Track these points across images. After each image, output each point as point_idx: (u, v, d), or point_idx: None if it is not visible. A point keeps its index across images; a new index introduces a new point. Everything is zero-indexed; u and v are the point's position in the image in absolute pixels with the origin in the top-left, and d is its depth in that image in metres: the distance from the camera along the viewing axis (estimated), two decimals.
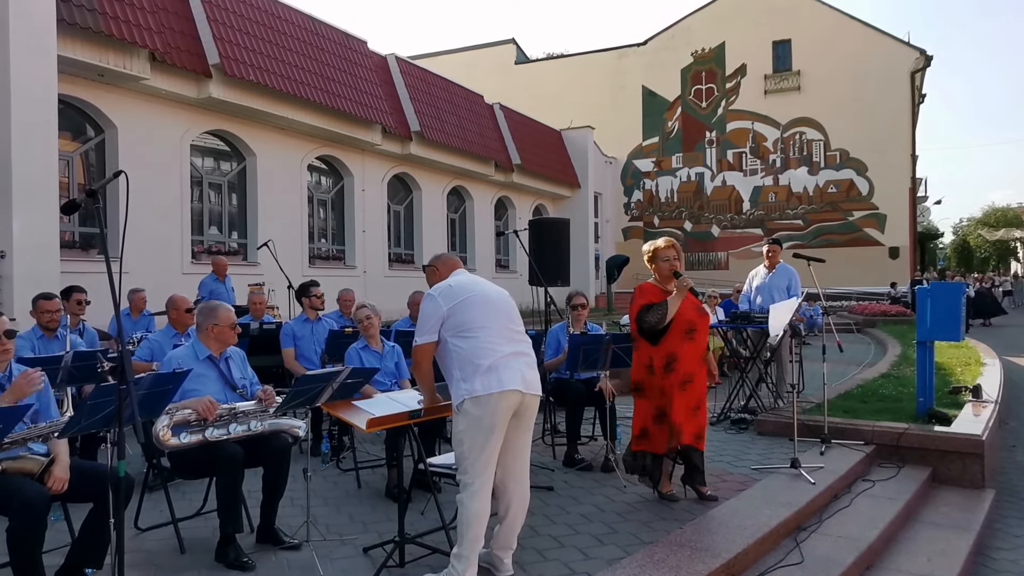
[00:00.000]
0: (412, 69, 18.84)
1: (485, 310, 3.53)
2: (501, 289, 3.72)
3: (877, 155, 25.99)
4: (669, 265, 4.72)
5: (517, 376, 3.42)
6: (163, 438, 3.60)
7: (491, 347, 3.44)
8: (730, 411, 7.21)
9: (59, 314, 5.49)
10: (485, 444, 3.37)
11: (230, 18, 12.99)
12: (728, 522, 4.19)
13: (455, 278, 3.70)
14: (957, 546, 4.54)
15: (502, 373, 3.40)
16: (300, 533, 3.98)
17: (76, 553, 3.37)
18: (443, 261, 3.87)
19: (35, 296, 5.52)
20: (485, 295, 3.59)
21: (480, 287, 3.64)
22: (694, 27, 29.03)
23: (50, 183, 8.97)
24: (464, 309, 3.50)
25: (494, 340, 3.46)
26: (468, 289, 3.58)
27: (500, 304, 3.61)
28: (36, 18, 8.74)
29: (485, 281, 3.77)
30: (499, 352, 3.44)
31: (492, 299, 3.60)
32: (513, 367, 3.43)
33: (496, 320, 3.53)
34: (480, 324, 3.48)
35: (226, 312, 4.17)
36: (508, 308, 3.64)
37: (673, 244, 4.87)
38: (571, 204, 25.94)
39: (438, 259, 3.91)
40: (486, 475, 3.39)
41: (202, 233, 13.96)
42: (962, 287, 7.53)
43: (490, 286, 3.71)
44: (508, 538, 3.55)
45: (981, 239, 61.33)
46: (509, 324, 3.58)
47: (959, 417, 6.48)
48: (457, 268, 3.81)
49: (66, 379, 4.64)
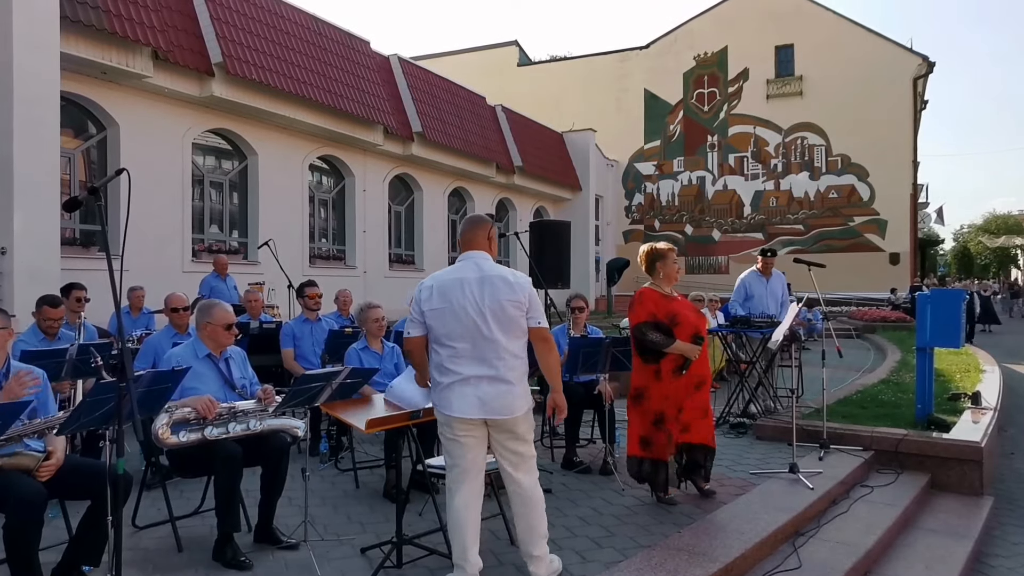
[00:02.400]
0: (414, 70, 18.84)
1: (457, 325, 3.35)
2: (498, 277, 3.40)
3: (878, 161, 25.98)
4: (677, 268, 4.80)
5: (472, 403, 3.32)
6: (162, 436, 3.59)
7: (453, 367, 3.36)
8: (729, 415, 7.21)
9: (60, 322, 5.37)
10: (454, 453, 3.41)
11: (233, 17, 12.99)
12: (726, 526, 4.19)
13: (446, 274, 3.50)
14: (955, 553, 4.54)
15: (454, 399, 3.35)
16: (298, 533, 3.98)
17: (74, 550, 3.37)
18: (464, 239, 3.61)
19: (40, 298, 5.39)
20: (461, 308, 3.35)
21: (461, 295, 3.37)
22: (697, 31, 29.04)
23: (52, 180, 8.97)
24: (437, 318, 3.40)
25: (458, 360, 3.35)
26: (447, 296, 3.39)
27: (475, 316, 3.34)
28: (38, 14, 8.74)
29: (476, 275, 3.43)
30: (459, 375, 3.34)
31: (467, 312, 3.34)
32: (467, 394, 3.32)
33: (466, 337, 3.34)
34: (449, 339, 3.37)
35: (221, 312, 4.13)
36: (490, 315, 3.34)
37: (673, 249, 4.94)
38: (572, 207, 25.94)
39: (462, 233, 3.66)
40: (464, 484, 3.39)
41: (203, 232, 13.95)
42: (962, 294, 7.53)
43: (476, 283, 3.39)
44: (523, 544, 3.46)
45: (982, 246, 61.35)
46: (483, 339, 3.33)
47: (958, 424, 6.48)
48: (468, 251, 3.56)
49: (71, 372, 4.63)
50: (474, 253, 3.53)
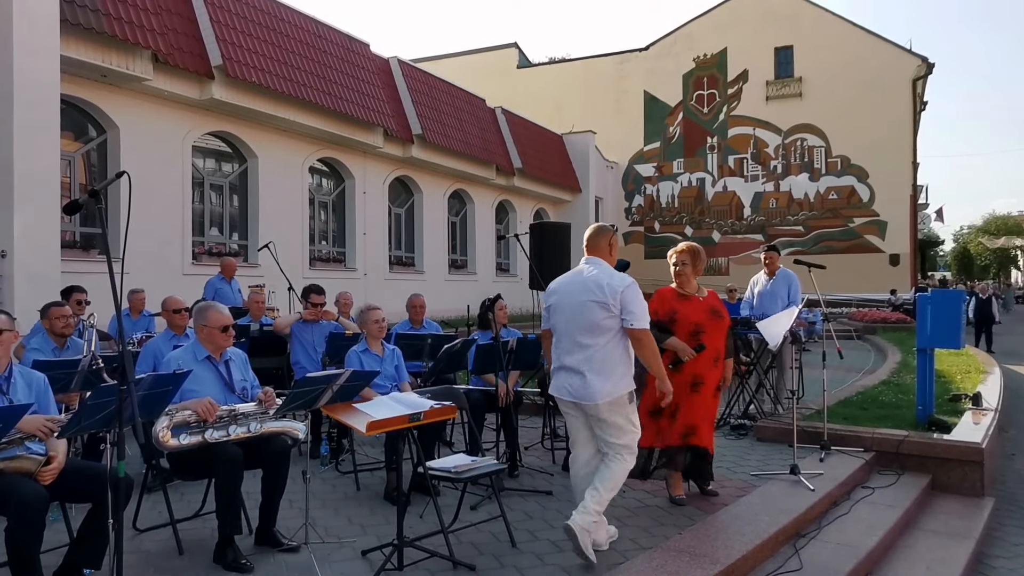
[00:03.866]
0: (414, 72, 18.86)
1: (560, 319, 3.94)
2: (591, 280, 3.85)
3: (878, 162, 26.00)
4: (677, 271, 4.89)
5: (563, 388, 3.89)
6: (162, 439, 3.59)
7: (556, 355, 3.97)
8: (730, 417, 7.21)
9: (73, 319, 5.38)
10: (567, 426, 4.10)
11: (233, 20, 13.01)
12: (727, 528, 4.19)
13: (567, 275, 4.09)
14: (956, 554, 4.53)
15: (554, 382, 3.98)
16: (299, 535, 3.98)
17: (75, 553, 3.37)
18: (588, 244, 4.05)
19: (44, 306, 5.34)
20: (561, 306, 3.93)
21: (566, 293, 3.93)
22: (696, 33, 29.07)
23: (52, 183, 8.98)
24: (551, 312, 4.01)
25: (558, 349, 3.95)
26: (558, 294, 3.99)
27: (572, 313, 3.86)
28: (39, 18, 8.76)
29: (580, 277, 3.93)
30: (558, 362, 3.95)
31: (567, 310, 3.89)
32: (562, 379, 3.91)
33: (563, 330, 3.91)
34: (555, 330, 3.98)
35: (216, 314, 4.10)
36: (581, 314, 3.82)
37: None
38: (572, 208, 25.96)
39: (588, 239, 4.06)
40: (574, 451, 4.10)
41: (203, 234, 13.96)
42: (962, 295, 7.52)
43: (579, 284, 3.90)
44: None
45: (981, 247, 61.36)
46: (576, 333, 3.84)
47: (959, 425, 6.47)
48: (590, 255, 4.00)
49: (80, 384, 4.57)
50: (592, 257, 4.00)
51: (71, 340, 5.36)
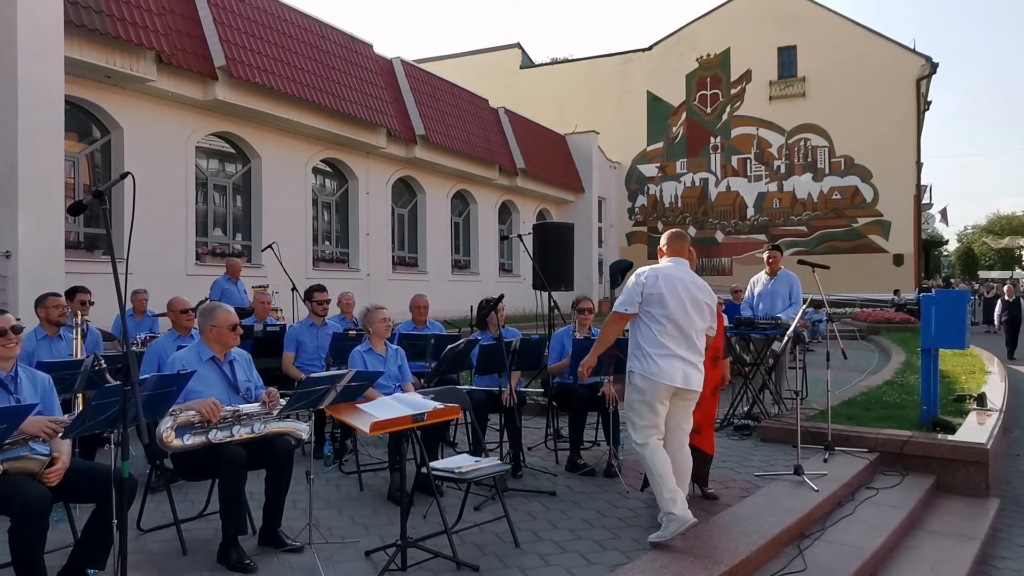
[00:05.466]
0: (417, 72, 18.87)
1: (678, 312, 4.15)
2: (700, 283, 4.26)
3: (882, 162, 25.94)
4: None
5: (678, 374, 4.10)
6: (166, 439, 3.59)
7: (665, 342, 4.13)
8: (733, 417, 7.19)
9: (67, 309, 5.49)
10: (647, 416, 4.15)
11: (236, 21, 13.03)
12: (731, 529, 4.18)
13: (666, 269, 4.25)
14: (961, 555, 4.53)
15: (664, 368, 4.11)
16: (302, 536, 3.98)
17: (78, 554, 3.37)
18: (673, 247, 4.36)
19: (39, 296, 5.44)
20: (678, 299, 4.16)
21: (681, 286, 4.17)
22: (699, 33, 29.03)
23: (56, 184, 8.99)
24: (657, 301, 4.14)
25: (667, 337, 4.13)
26: (670, 284, 4.17)
27: (692, 309, 4.16)
28: (43, 20, 8.77)
29: (689, 277, 4.26)
30: (668, 350, 4.13)
31: (681, 300, 4.14)
32: (676, 367, 4.12)
33: (676, 321, 4.14)
34: (665, 319, 4.13)
35: (224, 313, 4.13)
36: (693, 309, 4.16)
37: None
38: (575, 209, 25.94)
39: (669, 242, 4.39)
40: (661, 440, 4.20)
41: (206, 235, 13.98)
42: (966, 295, 7.50)
43: (689, 282, 4.21)
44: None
45: (986, 247, 61.20)
46: (688, 325, 4.15)
47: (963, 425, 6.46)
48: (676, 256, 4.32)
49: (83, 384, 4.59)
50: (681, 260, 4.32)
51: (62, 331, 5.42)
